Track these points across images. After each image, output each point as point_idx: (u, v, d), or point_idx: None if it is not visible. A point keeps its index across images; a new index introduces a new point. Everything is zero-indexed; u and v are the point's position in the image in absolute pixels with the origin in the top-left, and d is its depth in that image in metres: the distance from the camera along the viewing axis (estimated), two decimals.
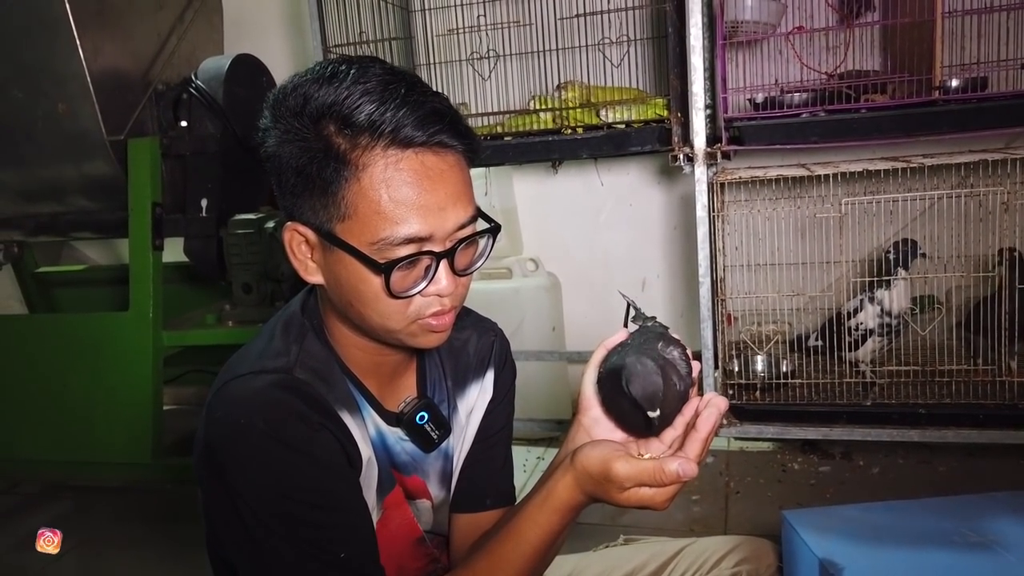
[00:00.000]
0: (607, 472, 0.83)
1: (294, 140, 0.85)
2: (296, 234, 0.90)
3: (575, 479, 0.87)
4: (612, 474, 0.83)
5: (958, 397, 2.03)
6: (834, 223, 1.99)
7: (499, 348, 1.14)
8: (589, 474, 0.85)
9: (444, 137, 0.85)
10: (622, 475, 0.82)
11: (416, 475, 1.06)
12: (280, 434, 0.85)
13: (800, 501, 2.24)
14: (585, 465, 0.86)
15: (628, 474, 0.82)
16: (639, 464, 0.82)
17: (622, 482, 0.83)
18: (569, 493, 0.88)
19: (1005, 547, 1.25)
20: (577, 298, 2.94)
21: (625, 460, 0.83)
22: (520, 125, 2.26)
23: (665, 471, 0.81)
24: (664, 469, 0.81)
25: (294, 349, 0.94)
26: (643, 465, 0.82)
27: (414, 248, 0.85)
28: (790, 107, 1.97)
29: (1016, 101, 1.84)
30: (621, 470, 0.82)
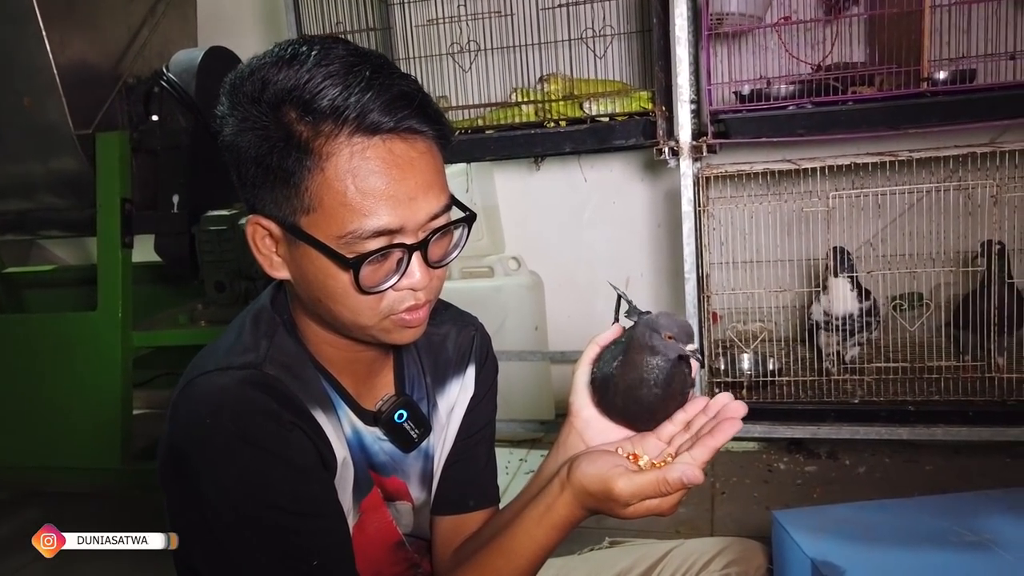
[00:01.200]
0: (608, 492, 0.80)
1: (252, 128, 0.80)
2: (259, 228, 0.85)
3: (574, 496, 0.84)
4: (614, 494, 0.79)
5: (947, 394, 2.01)
6: (821, 217, 1.96)
7: (480, 343, 1.10)
8: (589, 492, 0.82)
9: (413, 122, 0.80)
10: (625, 494, 0.79)
11: (396, 476, 1.01)
12: (249, 434, 0.81)
13: (787, 501, 2.22)
14: (583, 483, 0.82)
15: (632, 491, 0.79)
16: (641, 478, 0.79)
17: (626, 500, 0.80)
18: (569, 510, 0.85)
19: (1002, 546, 1.22)
20: (560, 297, 2.91)
21: (626, 478, 0.80)
22: (502, 118, 2.21)
23: (669, 481, 0.78)
24: (668, 480, 0.78)
25: (264, 344, 0.89)
26: (645, 479, 0.79)
27: (384, 241, 0.80)
28: (776, 99, 1.94)
29: (1005, 93, 1.82)
30: (624, 489, 0.79)
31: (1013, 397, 2.00)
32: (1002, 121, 1.92)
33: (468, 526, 1.08)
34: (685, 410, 0.88)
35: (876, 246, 2.20)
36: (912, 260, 2.13)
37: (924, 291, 2.11)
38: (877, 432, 2.02)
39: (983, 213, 1.98)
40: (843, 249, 2.13)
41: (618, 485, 0.79)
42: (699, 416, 0.87)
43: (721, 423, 0.82)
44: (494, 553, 0.89)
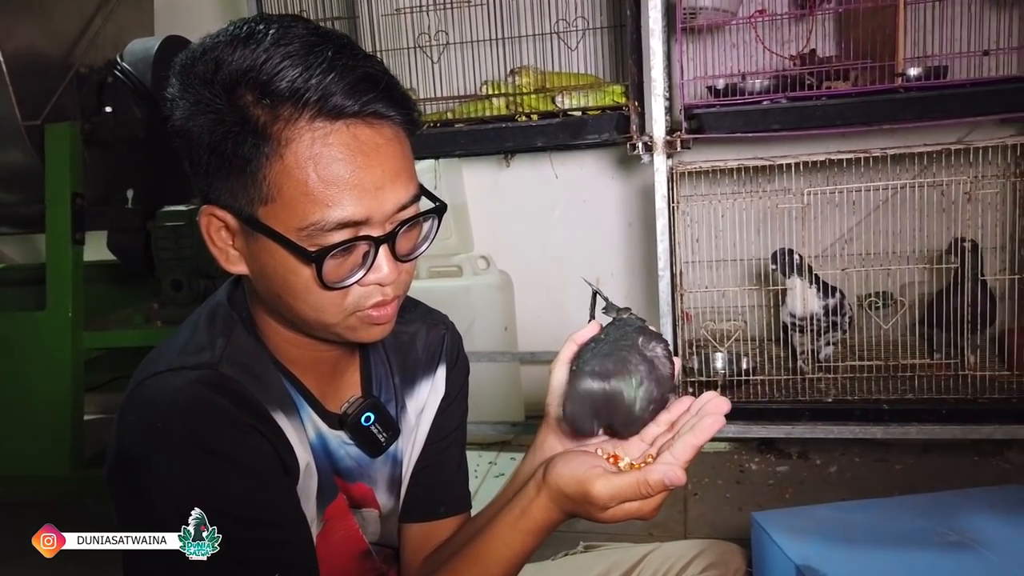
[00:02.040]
0: (585, 494, 0.75)
1: (205, 112, 0.74)
2: (214, 219, 0.79)
3: (551, 499, 0.79)
4: (592, 496, 0.75)
5: (920, 392, 2.01)
6: (796, 214, 1.94)
7: (450, 342, 1.06)
8: (566, 495, 0.77)
9: (379, 106, 0.75)
10: (604, 496, 0.74)
11: (362, 482, 0.96)
12: (204, 439, 0.75)
13: (760, 502, 2.21)
14: (560, 485, 0.78)
15: (610, 493, 0.74)
16: (620, 480, 0.74)
17: (604, 503, 0.75)
18: (545, 514, 0.80)
19: (986, 546, 1.20)
20: (530, 297, 2.87)
21: (604, 479, 0.75)
22: (471, 112, 2.16)
23: (650, 482, 0.73)
24: (648, 481, 0.73)
25: (220, 342, 0.83)
26: (624, 480, 0.74)
27: (349, 233, 0.75)
28: (751, 94, 1.92)
29: (977, 89, 1.82)
30: (602, 491, 0.74)
31: (984, 395, 2.00)
32: (975, 117, 1.92)
33: (439, 533, 1.03)
34: (669, 411, 0.84)
35: (851, 241, 2.20)
36: (887, 257, 2.13)
37: (898, 288, 2.11)
38: (852, 431, 2.01)
39: (957, 210, 1.98)
40: (786, 250, 2.12)
41: (595, 487, 0.74)
42: (683, 416, 0.83)
43: (702, 420, 0.78)
44: (468, 560, 0.85)
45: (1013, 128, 2.35)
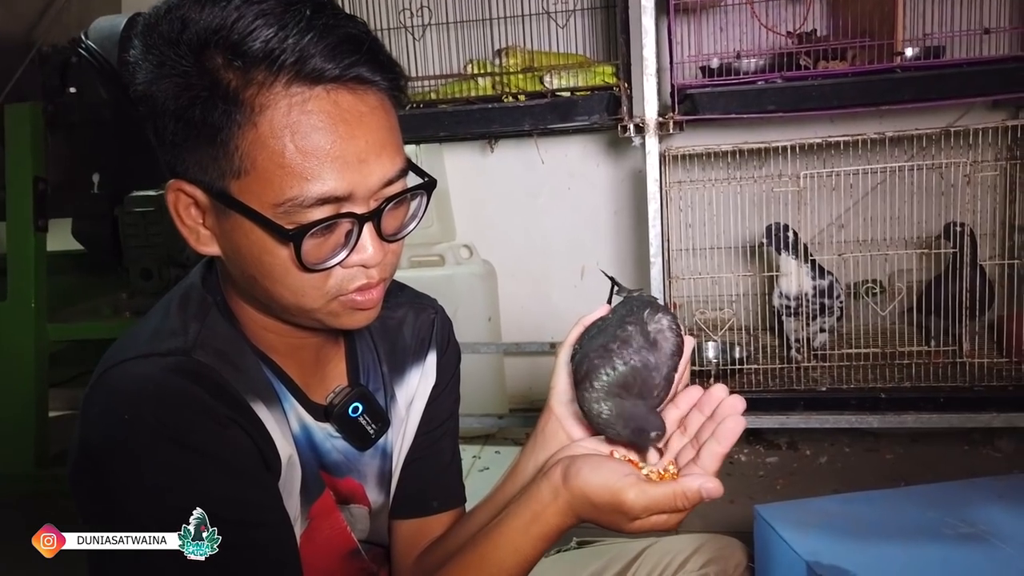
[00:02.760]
0: (619, 504, 0.70)
1: (170, 75, 0.67)
2: (182, 195, 0.73)
3: (570, 505, 0.74)
4: (625, 507, 0.70)
5: (916, 380, 1.98)
6: (792, 198, 1.90)
7: (440, 327, 1.01)
8: (592, 503, 0.72)
9: (362, 70, 0.68)
10: (638, 507, 0.69)
11: (350, 477, 0.91)
12: (177, 432, 0.69)
13: (751, 494, 2.18)
14: (586, 492, 0.72)
15: (644, 504, 0.69)
16: (655, 491, 0.70)
17: (637, 514, 0.70)
18: (560, 519, 0.74)
19: (1000, 538, 1.16)
20: (514, 287, 2.81)
21: (638, 489, 0.70)
22: (456, 92, 2.08)
23: (688, 496, 0.69)
24: (686, 494, 0.68)
25: (194, 327, 0.77)
26: (660, 491, 0.69)
27: (330, 210, 0.69)
28: (746, 74, 1.87)
29: (975, 69, 1.79)
30: (637, 501, 0.69)
31: (981, 383, 1.97)
32: (973, 98, 1.89)
33: (432, 530, 0.98)
34: (677, 405, 0.80)
35: (847, 226, 2.16)
36: (884, 243, 2.10)
37: (895, 274, 2.08)
38: (847, 420, 1.98)
39: (956, 194, 1.95)
40: (781, 225, 2.08)
41: (629, 497, 0.69)
42: (694, 414, 0.79)
43: (722, 424, 0.73)
44: (473, 565, 0.79)
45: (1005, 112, 2.34)
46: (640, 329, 0.76)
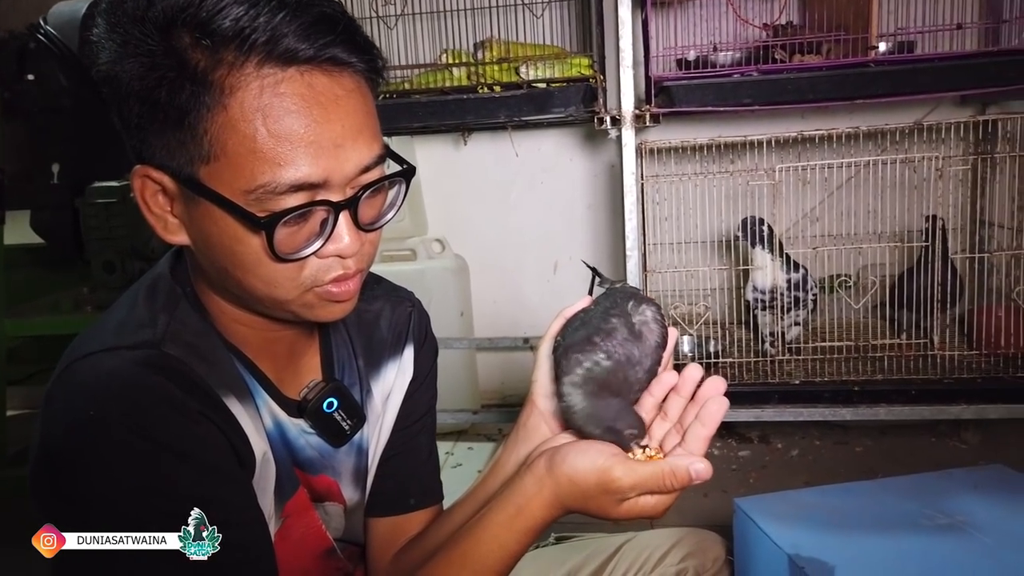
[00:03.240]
0: (607, 483, 0.69)
1: (135, 54, 0.64)
2: (148, 181, 0.70)
3: (556, 495, 0.72)
4: (614, 485, 0.68)
5: (889, 373, 2.00)
6: (767, 191, 1.90)
7: (417, 320, 0.98)
8: (579, 487, 0.70)
9: (338, 51, 0.66)
10: (627, 484, 0.68)
11: (325, 474, 0.89)
12: (146, 428, 0.66)
13: (724, 488, 2.19)
14: (573, 477, 0.70)
15: (634, 482, 0.68)
16: (643, 468, 0.68)
17: (625, 493, 0.69)
18: (546, 511, 0.72)
19: (978, 528, 1.17)
20: (486, 281, 2.78)
21: (627, 466, 0.69)
22: (430, 82, 2.05)
23: (677, 475, 0.67)
24: (675, 472, 0.67)
25: (162, 319, 0.74)
26: (650, 469, 0.68)
27: (305, 197, 0.66)
28: (722, 66, 1.86)
29: (946, 64, 1.80)
30: (625, 479, 0.68)
31: (952, 375, 2.00)
32: (945, 93, 1.91)
33: (409, 528, 0.97)
34: (651, 392, 0.78)
35: (821, 219, 2.17)
36: (857, 236, 2.11)
37: (869, 268, 2.09)
38: (821, 413, 1.99)
39: (928, 188, 1.97)
40: (756, 219, 2.08)
41: (616, 474, 0.68)
42: (673, 397, 0.78)
43: (706, 407, 0.72)
44: (455, 563, 0.76)
45: (973, 107, 2.37)
46: (624, 321, 0.75)
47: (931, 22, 1.96)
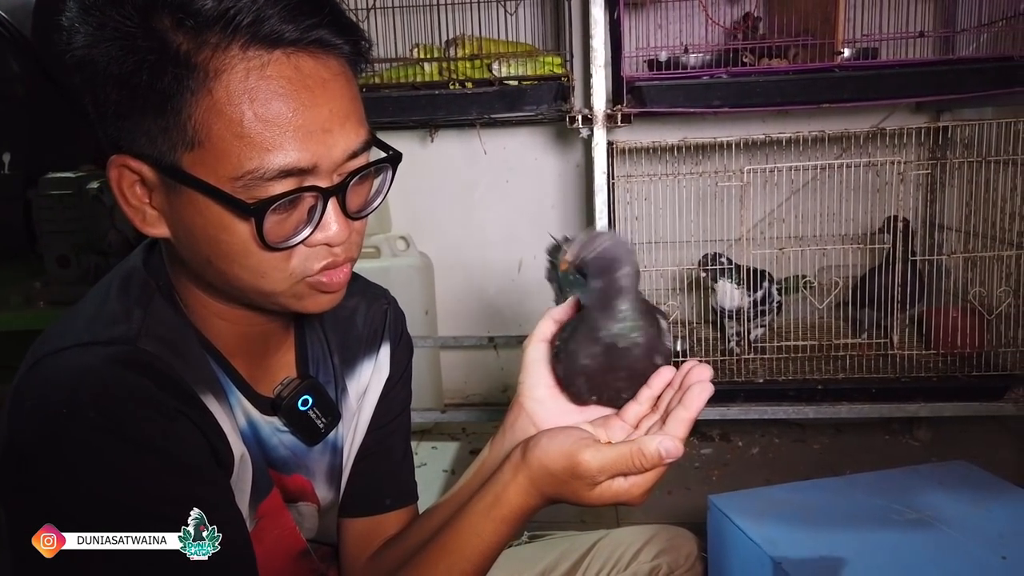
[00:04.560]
0: (574, 467, 0.67)
1: (113, 37, 0.61)
2: (126, 171, 0.67)
3: (530, 480, 0.71)
4: (582, 468, 0.67)
5: (850, 372, 2.05)
6: (736, 192, 1.92)
7: (393, 318, 0.97)
8: (550, 472, 0.69)
9: (324, 33, 0.64)
10: (594, 467, 0.67)
11: (298, 473, 0.87)
12: (121, 426, 0.63)
13: (688, 486, 2.23)
14: (544, 462, 0.69)
15: (601, 464, 0.67)
16: (613, 450, 0.67)
17: (594, 476, 0.67)
18: (522, 499, 0.71)
19: (945, 522, 1.20)
20: (450, 280, 2.77)
21: (594, 448, 0.67)
22: (401, 77, 2.02)
23: (645, 454, 0.65)
24: (644, 452, 0.65)
25: (137, 314, 0.71)
26: (617, 451, 0.66)
27: (293, 183, 0.64)
28: (693, 68, 1.88)
29: (910, 70, 1.85)
30: (592, 461, 0.67)
31: (910, 374, 2.06)
32: (906, 99, 1.96)
33: (384, 528, 0.95)
34: (650, 386, 0.77)
35: (787, 221, 2.21)
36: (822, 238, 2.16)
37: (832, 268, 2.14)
38: (785, 411, 2.02)
39: (890, 191, 2.02)
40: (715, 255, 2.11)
41: (585, 456, 0.67)
42: (667, 392, 0.76)
43: (690, 391, 0.71)
44: (435, 556, 0.75)
45: (927, 114, 2.45)
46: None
47: (894, 29, 2.01)
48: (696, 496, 2.10)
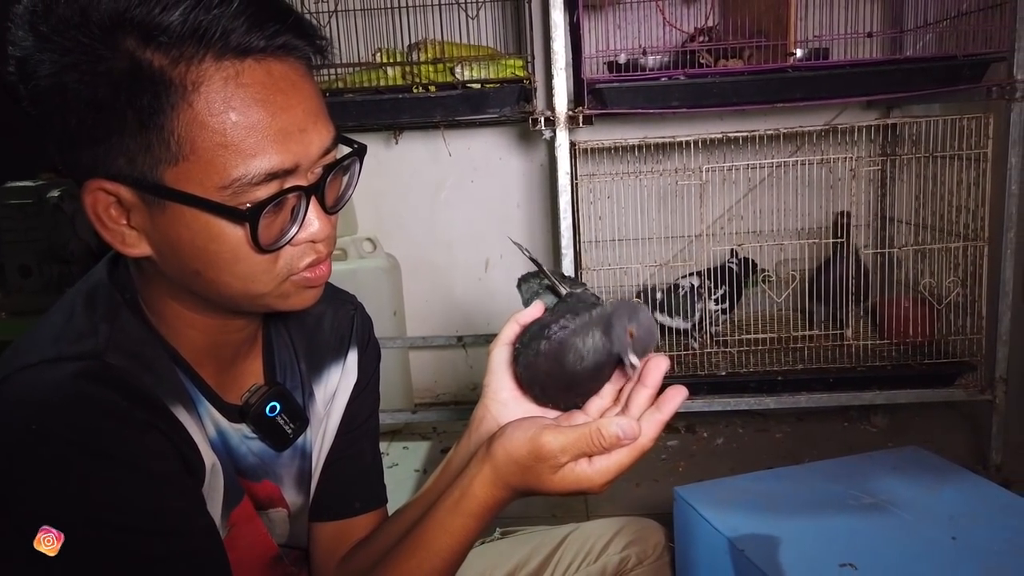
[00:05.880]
0: (537, 450, 0.68)
1: (83, 63, 0.61)
2: (102, 195, 0.67)
3: (494, 472, 0.72)
4: (544, 450, 0.68)
5: (808, 363, 2.11)
6: (695, 191, 1.97)
7: (360, 323, 0.98)
8: (513, 459, 0.70)
9: (289, 38, 0.66)
10: (556, 448, 0.68)
11: (268, 480, 0.88)
12: (91, 442, 0.64)
13: (655, 477, 2.26)
14: (508, 449, 0.71)
15: (563, 445, 0.68)
16: (573, 431, 0.68)
17: (556, 456, 0.68)
18: (487, 490, 0.73)
19: (899, 506, 1.25)
20: (417, 281, 2.79)
21: (555, 430, 0.68)
22: (364, 81, 2.03)
23: (604, 434, 0.67)
24: (603, 431, 0.67)
25: (103, 328, 0.71)
26: (577, 431, 0.68)
27: (276, 185, 0.66)
28: (651, 70, 1.92)
29: (860, 69, 1.91)
30: (553, 442, 0.68)
31: (864, 363, 2.12)
32: (857, 98, 2.02)
33: (354, 532, 0.96)
34: (612, 381, 0.79)
35: (744, 218, 2.26)
36: (778, 233, 2.21)
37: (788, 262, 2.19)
38: (747, 403, 2.07)
39: (842, 187, 2.08)
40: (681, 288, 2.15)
41: (546, 439, 0.68)
42: (627, 384, 0.78)
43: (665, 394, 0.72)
44: (405, 554, 0.76)
45: (877, 110, 2.52)
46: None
47: (844, 30, 2.07)
48: (664, 488, 2.14)
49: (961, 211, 2.05)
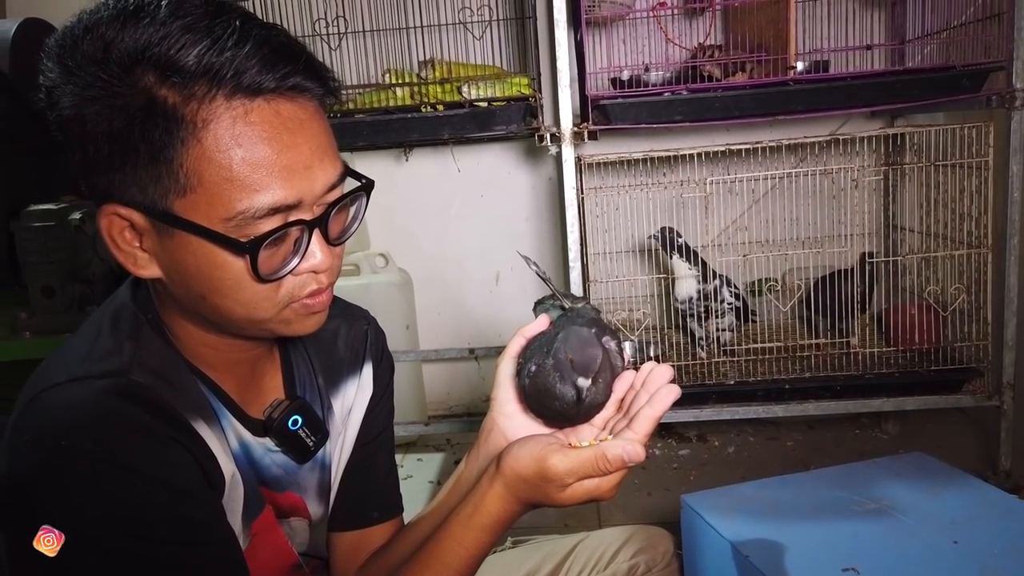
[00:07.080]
0: (544, 472, 0.72)
1: (102, 96, 0.65)
2: (116, 219, 0.71)
3: (506, 487, 0.75)
4: (550, 472, 0.72)
5: (816, 371, 2.11)
6: (699, 203, 2.00)
7: (374, 338, 1.01)
8: (522, 478, 0.74)
9: (300, 79, 0.69)
10: (561, 471, 0.72)
11: (291, 491, 0.91)
12: (117, 455, 0.67)
13: (667, 486, 2.27)
14: (516, 469, 0.74)
15: (568, 468, 0.72)
16: (577, 455, 0.72)
17: (563, 479, 0.72)
18: (500, 505, 0.76)
19: (902, 511, 1.27)
20: (429, 294, 2.82)
21: (561, 453, 0.72)
22: (374, 102, 2.08)
23: (608, 457, 0.71)
24: (607, 456, 0.71)
25: (128, 347, 0.75)
26: (583, 455, 0.72)
27: (280, 219, 0.69)
28: (654, 85, 1.95)
29: (857, 82, 1.93)
30: (559, 465, 0.72)
31: (872, 371, 2.13)
32: (858, 109, 2.04)
33: (371, 541, 0.99)
34: (614, 390, 0.82)
35: (750, 228, 2.28)
36: (782, 243, 2.23)
37: (794, 271, 2.21)
38: (755, 411, 2.09)
39: (846, 196, 2.10)
40: (671, 229, 2.16)
41: (552, 461, 0.72)
42: (629, 393, 0.82)
43: (658, 392, 0.76)
44: (420, 566, 0.80)
45: (881, 120, 2.54)
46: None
47: (843, 43, 2.09)
48: (675, 496, 2.14)
49: (965, 219, 2.06)
